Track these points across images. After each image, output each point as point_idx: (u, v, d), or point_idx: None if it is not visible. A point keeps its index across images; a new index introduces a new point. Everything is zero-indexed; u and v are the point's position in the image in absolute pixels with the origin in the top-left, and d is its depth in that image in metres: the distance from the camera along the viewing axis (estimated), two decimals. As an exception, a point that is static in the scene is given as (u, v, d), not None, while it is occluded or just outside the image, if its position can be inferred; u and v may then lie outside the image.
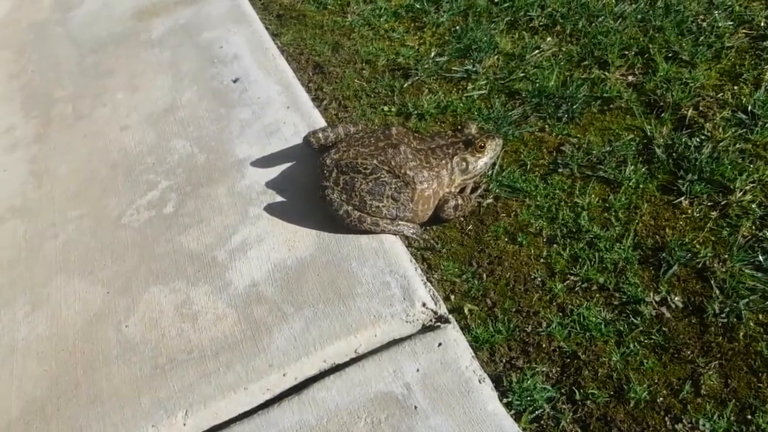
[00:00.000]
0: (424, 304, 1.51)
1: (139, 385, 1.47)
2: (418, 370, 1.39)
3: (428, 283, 1.57)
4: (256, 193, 1.84)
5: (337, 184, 1.66)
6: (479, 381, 1.36)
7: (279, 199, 1.82)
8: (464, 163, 1.75)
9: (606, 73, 2.07)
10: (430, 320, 1.50)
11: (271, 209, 1.79)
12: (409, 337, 1.47)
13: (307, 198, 1.78)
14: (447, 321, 1.48)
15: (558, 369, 1.47)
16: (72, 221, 1.89)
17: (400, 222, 1.68)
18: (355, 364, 1.43)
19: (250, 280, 1.63)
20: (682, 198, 1.71)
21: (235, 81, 2.23)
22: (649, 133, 1.87)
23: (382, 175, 1.67)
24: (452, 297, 1.63)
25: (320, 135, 1.81)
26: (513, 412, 1.39)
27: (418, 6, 2.55)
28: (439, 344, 1.43)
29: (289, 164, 1.91)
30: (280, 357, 1.45)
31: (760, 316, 1.47)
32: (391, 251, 1.63)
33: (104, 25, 2.67)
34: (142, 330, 1.57)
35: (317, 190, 1.70)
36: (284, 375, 1.43)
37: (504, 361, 1.50)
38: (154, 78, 2.34)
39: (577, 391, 1.42)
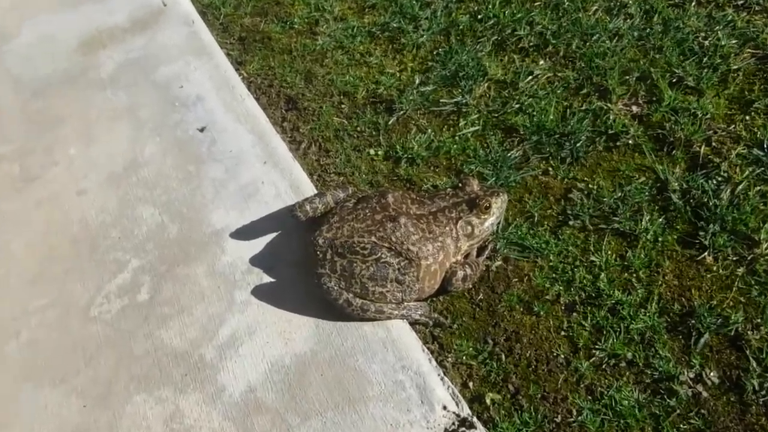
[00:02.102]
0: (444, 407, 1.37)
1: None
2: (447, 492, 1.26)
3: (445, 378, 1.43)
4: (240, 273, 1.65)
5: (334, 270, 1.49)
6: (516, 502, 1.23)
7: (267, 279, 1.64)
8: (469, 227, 1.59)
9: (608, 104, 1.92)
10: (453, 424, 1.36)
11: (260, 293, 1.61)
12: (431, 446, 1.34)
13: (299, 278, 1.60)
14: (472, 426, 1.35)
15: (594, 467, 1.36)
16: (34, 314, 1.68)
17: (406, 304, 1.52)
18: (376, 486, 1.29)
19: (245, 385, 1.46)
20: (706, 253, 1.60)
21: (201, 130, 2.01)
22: (662, 176, 1.74)
23: (383, 255, 1.50)
24: (471, 384, 1.49)
25: (307, 207, 1.62)
26: None
27: (394, 24, 2.34)
28: (467, 457, 1.29)
29: (273, 234, 1.72)
30: (291, 483, 1.30)
31: (803, 392, 1.38)
32: (400, 341, 1.47)
33: (47, 61, 2.38)
34: (128, 454, 1.40)
35: (312, 276, 1.52)
36: (297, 504, 1.28)
37: (535, 460, 1.38)
38: (110, 127, 2.09)
39: (618, 495, 1.31)
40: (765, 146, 1.74)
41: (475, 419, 1.36)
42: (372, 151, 1.98)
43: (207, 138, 1.99)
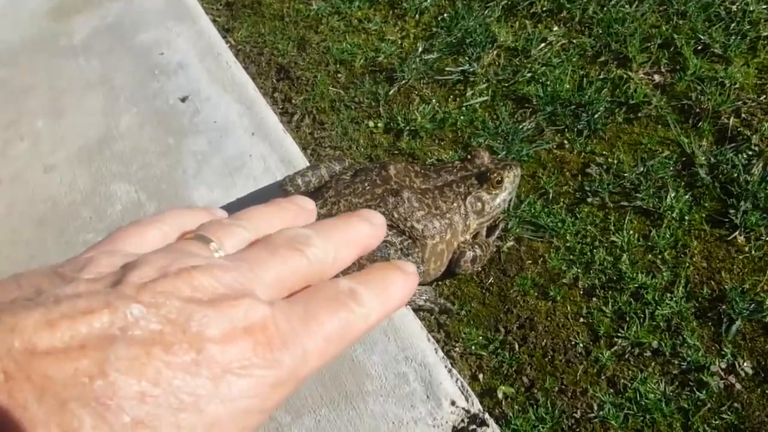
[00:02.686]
0: (453, 402, 1.22)
1: None
2: (457, 499, 1.11)
3: (453, 370, 1.28)
4: (225, 255, 1.49)
5: (331, 250, 1.33)
6: None
7: (255, 261, 1.48)
8: (479, 203, 1.44)
9: (628, 72, 1.77)
10: (462, 422, 1.21)
11: (247, 276, 1.45)
12: (438, 446, 1.19)
13: (291, 260, 1.44)
14: (484, 423, 1.20)
15: (620, 469, 1.22)
16: (-6, 302, 1.51)
17: (410, 288, 1.37)
18: (377, 493, 1.14)
19: (230, 378, 1.30)
20: (737, 233, 1.45)
21: (183, 100, 1.84)
22: (687, 149, 1.59)
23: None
24: (481, 376, 1.35)
25: (299, 181, 1.46)
26: None
27: (394, -11, 2.17)
28: (480, 460, 1.15)
29: (263, 212, 1.56)
30: (281, 489, 1.15)
31: None
32: (403, 330, 1.32)
33: (14, 27, 2.20)
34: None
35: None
36: None
37: (553, 462, 1.24)
38: (81, 98, 1.91)
39: (647, 500, 1.17)
40: (800, 117, 1.59)
41: (486, 416, 1.22)
42: (371, 123, 1.82)
43: (189, 108, 1.82)
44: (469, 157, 1.49)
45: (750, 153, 1.56)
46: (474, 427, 1.20)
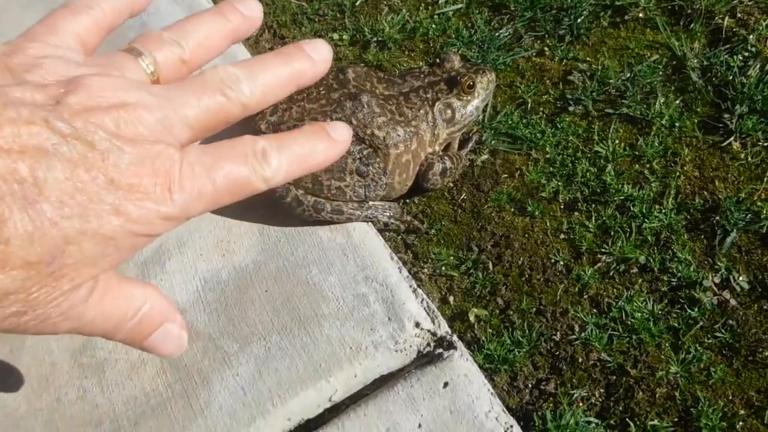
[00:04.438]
0: (417, 324, 1.10)
1: (29, 478, 1.04)
2: (420, 426, 1.00)
3: (419, 290, 1.15)
4: (170, 175, 1.35)
5: (281, 161, 1.19)
6: (507, 434, 0.98)
7: (202, 181, 1.34)
8: (449, 111, 1.29)
9: (614, -28, 1.60)
10: (428, 345, 1.09)
11: (194, 197, 1.31)
12: (400, 371, 1.07)
13: (241, 178, 1.30)
14: (451, 346, 1.08)
15: (602, 391, 1.11)
16: None
17: (371, 203, 1.24)
18: (332, 422, 1.02)
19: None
20: (731, 138, 1.32)
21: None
22: (678, 52, 1.45)
23: (342, 142, 1.20)
24: (451, 298, 1.23)
25: (250, 88, 1.30)
26: (552, 463, 1.03)
27: None
28: (445, 384, 1.03)
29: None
30: (226, 420, 1.03)
31: None
32: (363, 247, 1.19)
33: (-56, -56, 1.99)
34: (27, 393, 1.12)
35: (253, 170, 1.22)
36: (235, 445, 1.02)
37: (530, 386, 1.12)
38: (20, 16, 1.73)
39: (631, 423, 1.06)
40: (803, 13, 1.45)
41: (454, 338, 1.10)
42: (336, 36, 1.66)
43: (136, 23, 1.63)
44: (438, 61, 1.34)
45: (746, 54, 1.41)
46: (441, 350, 1.08)
